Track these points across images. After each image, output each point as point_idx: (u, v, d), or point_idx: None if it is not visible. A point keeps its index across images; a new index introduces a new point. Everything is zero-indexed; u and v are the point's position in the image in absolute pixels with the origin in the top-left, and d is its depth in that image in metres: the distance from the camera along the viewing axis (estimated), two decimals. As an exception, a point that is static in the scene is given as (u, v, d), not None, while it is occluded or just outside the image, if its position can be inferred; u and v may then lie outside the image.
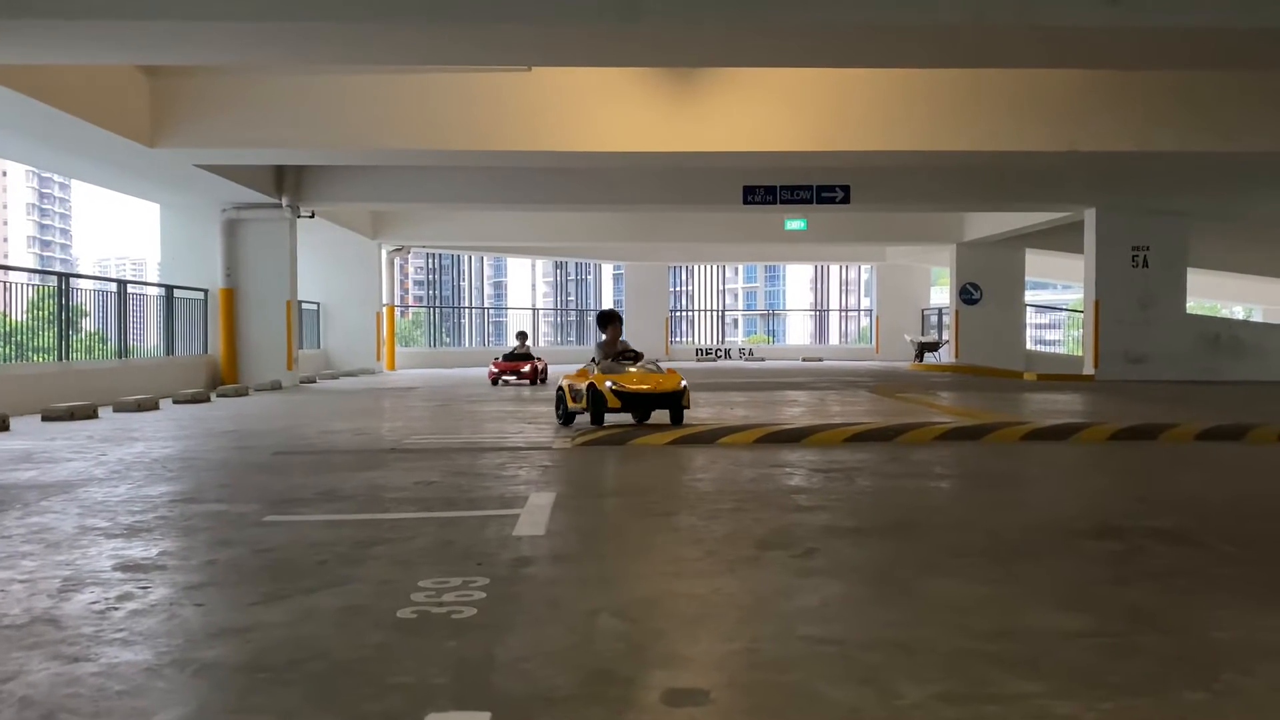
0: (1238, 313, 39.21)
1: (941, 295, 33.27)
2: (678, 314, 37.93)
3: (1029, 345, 27.20)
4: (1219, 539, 4.25)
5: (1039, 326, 32.55)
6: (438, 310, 45.25)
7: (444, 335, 34.72)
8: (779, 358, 32.76)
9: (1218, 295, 35.36)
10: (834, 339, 38.25)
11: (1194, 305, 20.87)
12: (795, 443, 7.74)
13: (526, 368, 17.45)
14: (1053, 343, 42.36)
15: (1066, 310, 37.05)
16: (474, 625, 3.01)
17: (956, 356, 25.18)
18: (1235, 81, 13.25)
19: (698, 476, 6.23)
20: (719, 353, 33.39)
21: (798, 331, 45.62)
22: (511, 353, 18.15)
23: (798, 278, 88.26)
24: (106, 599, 3.38)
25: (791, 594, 3.36)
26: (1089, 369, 18.96)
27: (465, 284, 68.99)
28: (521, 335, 19.23)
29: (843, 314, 43.79)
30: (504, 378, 17.34)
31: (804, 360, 31.33)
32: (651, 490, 5.70)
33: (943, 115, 13.58)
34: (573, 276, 71.66)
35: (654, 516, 4.89)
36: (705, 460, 6.90)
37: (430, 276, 68.81)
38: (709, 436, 7.88)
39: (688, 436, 7.86)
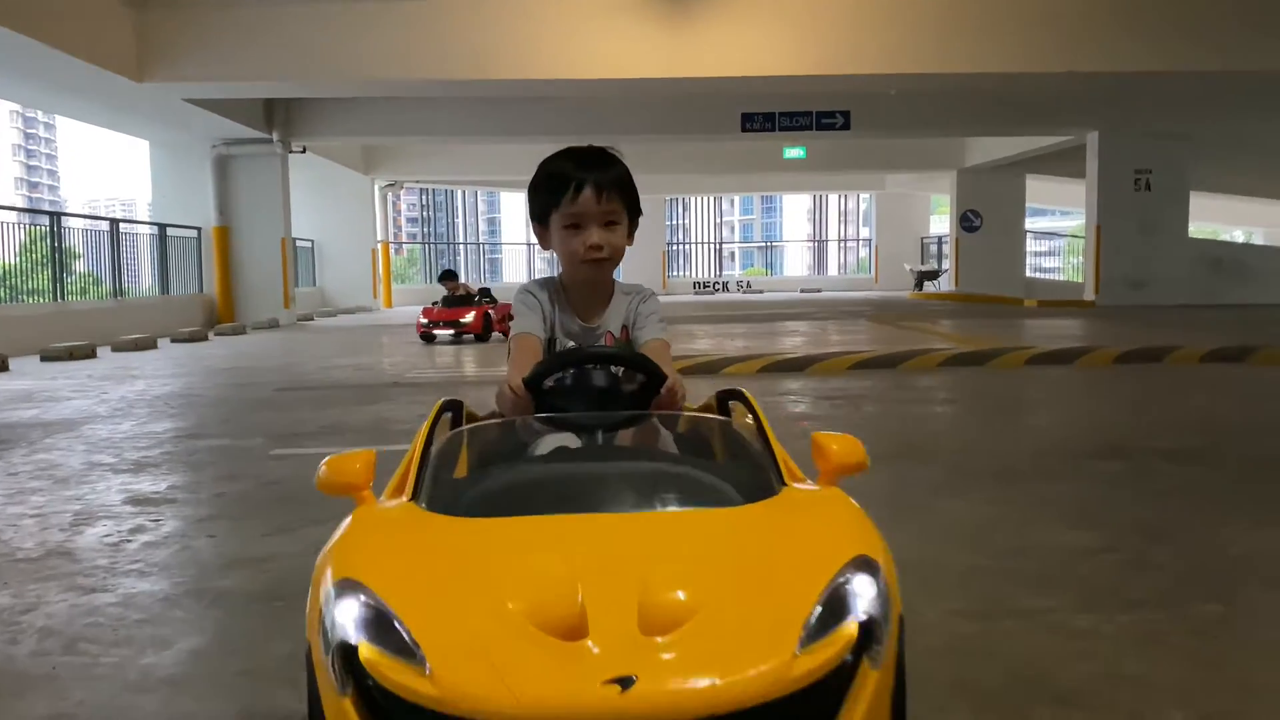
0: (1238, 236, 39.03)
1: (941, 224, 33.06)
2: (674, 248, 37.70)
3: (1028, 273, 27.11)
4: (1227, 458, 4.25)
5: (1037, 254, 32.39)
6: (433, 247, 44.95)
7: (434, 270, 34.55)
8: (777, 290, 32.64)
9: (1218, 219, 35.13)
10: (833, 270, 38.16)
11: (1195, 229, 20.71)
12: (799, 371, 7.73)
13: (468, 316, 12.54)
14: (1051, 270, 42.27)
15: (1066, 237, 36.89)
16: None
17: (956, 285, 25.11)
18: (1234, 1, 12.96)
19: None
20: (717, 286, 33.29)
21: (795, 263, 45.34)
22: (450, 297, 13.18)
23: (795, 209, 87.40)
24: (119, 531, 3.38)
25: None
26: (1090, 295, 18.91)
27: (460, 220, 68.46)
28: (449, 275, 14.03)
29: (841, 244, 43.55)
30: (437, 331, 12.51)
31: (802, 292, 31.24)
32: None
33: (945, 36, 13.29)
34: (568, 211, 71.09)
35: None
36: (709, 390, 6.87)
37: (425, 213, 68.19)
38: (712, 367, 7.85)
39: (691, 368, 7.84)
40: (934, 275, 28.39)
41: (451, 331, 12.50)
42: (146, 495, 3.94)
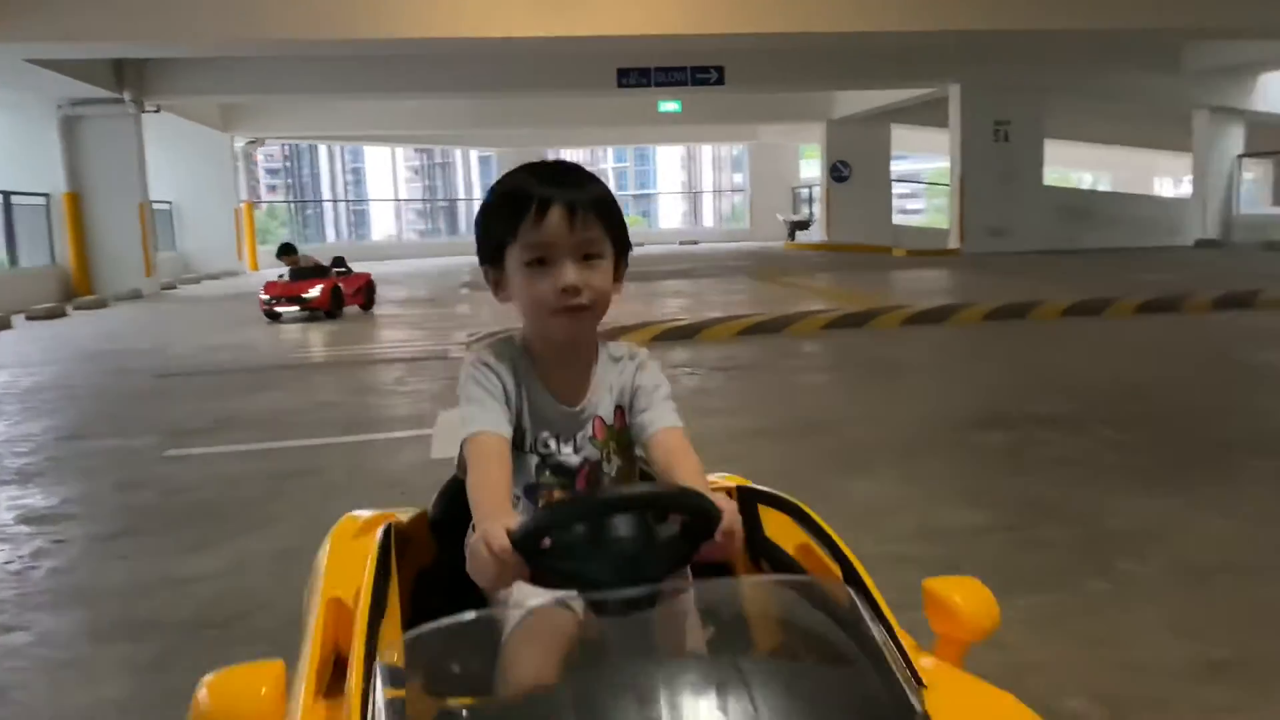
0: (1086, 179, 41.15)
1: (811, 170, 33.78)
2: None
3: (895, 218, 28.02)
4: (1099, 423, 4.59)
5: (900, 196, 33.47)
6: (296, 204, 43.34)
7: (303, 229, 33.44)
8: (655, 242, 32.81)
9: (1068, 164, 36.96)
10: (709, 220, 38.51)
11: (1048, 174, 21.78)
12: (689, 339, 7.88)
13: (315, 290, 11.22)
14: (914, 212, 43.71)
15: (925, 183, 38.24)
16: (416, 561, 3.04)
17: (828, 234, 25.79)
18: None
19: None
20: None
21: (671, 213, 45.55)
22: (299, 269, 11.82)
23: (669, 156, 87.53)
24: (20, 557, 3.27)
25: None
26: (954, 243, 19.71)
27: (324, 173, 66.00)
28: (288, 249, 12.67)
29: (716, 195, 43.96)
30: (280, 308, 11.21)
31: (681, 244, 31.51)
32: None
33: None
34: (439, 161, 69.38)
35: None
36: (606, 362, 6.97)
37: (286, 164, 65.35)
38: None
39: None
40: (805, 225, 29.07)
41: (297, 308, 11.16)
42: (41, 512, 3.80)
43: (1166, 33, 15.53)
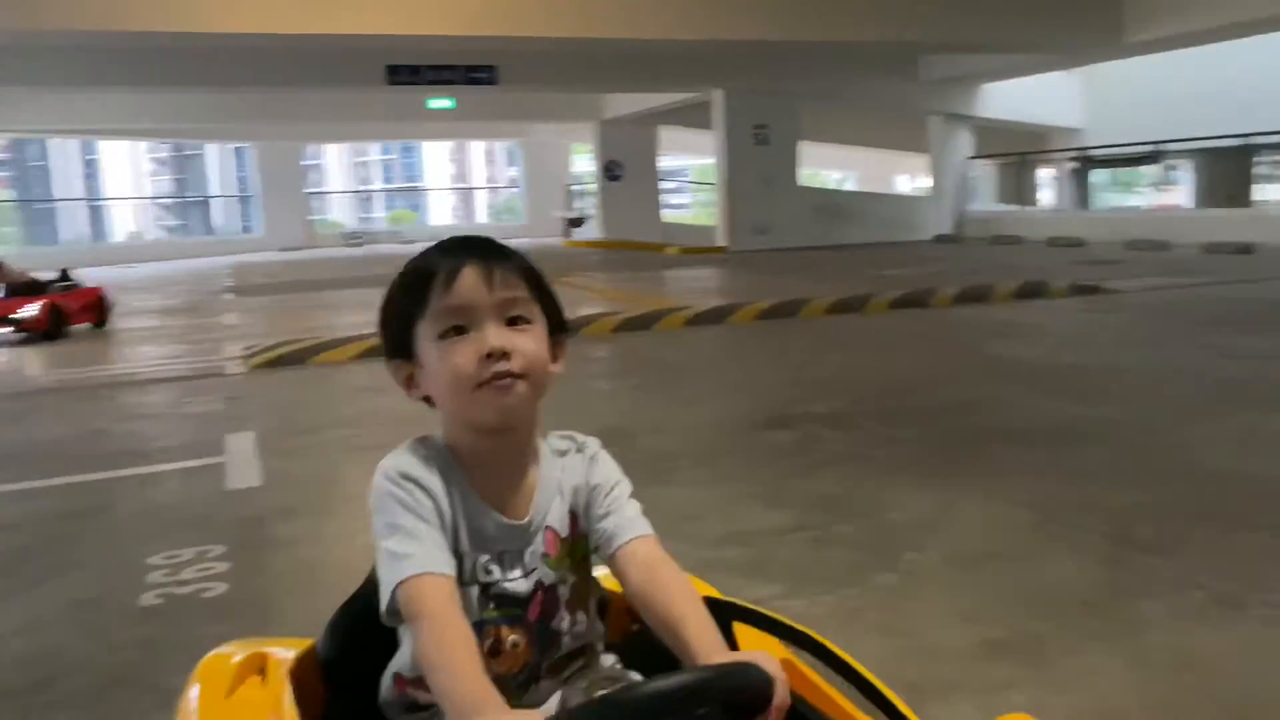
0: (834, 178, 43.96)
1: (584, 166, 34.26)
2: (314, 196, 35.90)
3: (665, 215, 28.92)
4: (870, 418, 5.02)
5: (665, 191, 34.61)
6: (23, 203, 39.38)
7: (31, 229, 30.49)
8: (431, 239, 32.12)
9: (819, 163, 39.38)
10: (481, 215, 38.20)
11: (803, 175, 23.18)
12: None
13: (32, 309, 10.00)
14: (679, 207, 45.05)
15: (691, 182, 39.60)
16: (234, 603, 2.95)
17: (603, 231, 26.28)
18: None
19: (398, 396, 6.19)
20: (365, 237, 32.25)
21: (441, 208, 44.82)
22: (11, 285, 10.56)
23: (437, 149, 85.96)
24: None
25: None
26: (722, 241, 20.60)
27: (56, 168, 60.12)
28: None
29: (492, 190, 43.66)
30: None
31: (455, 241, 31.14)
32: (357, 420, 5.62)
33: (588, 3, 13.82)
34: (187, 154, 64.76)
35: (370, 450, 4.87)
36: (398, 375, 6.87)
37: (13, 155, 59.03)
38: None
39: (371, 350, 7.71)
40: (580, 222, 29.51)
41: (10, 329, 9.94)
42: None
43: (903, 46, 16.90)
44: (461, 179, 58.08)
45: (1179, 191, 23.25)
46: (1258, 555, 3.03)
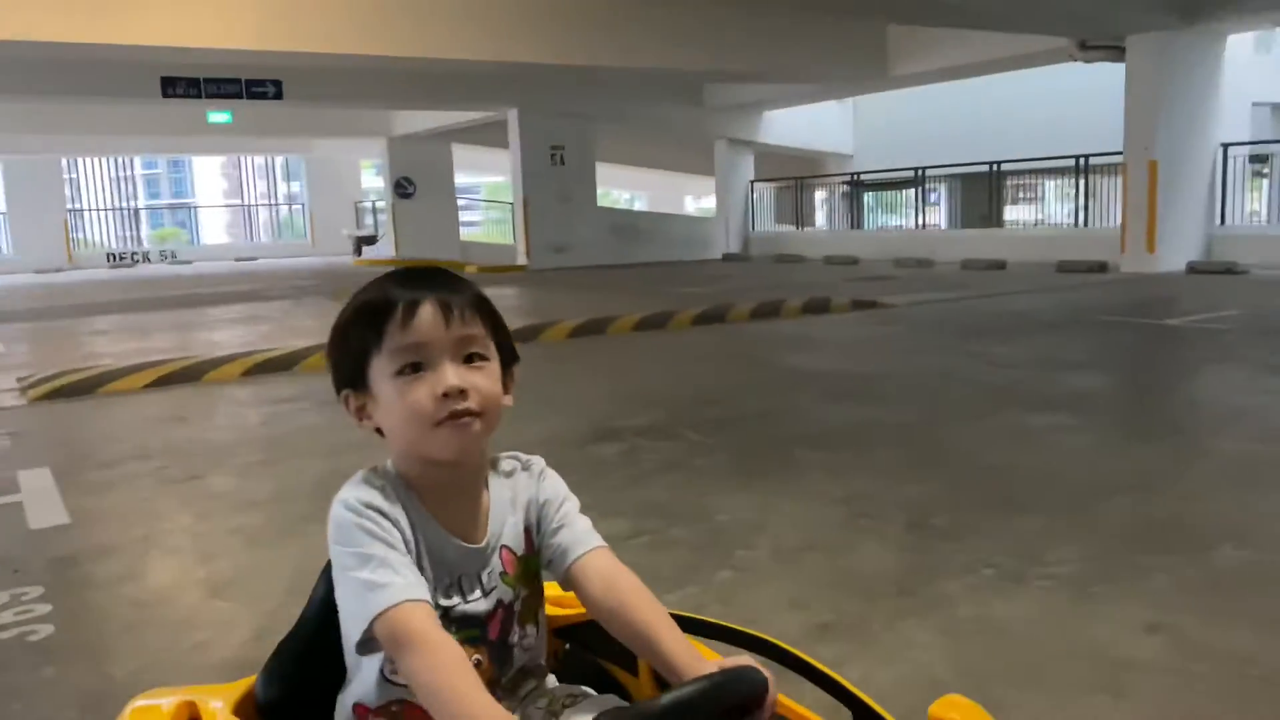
0: (625, 198, 45.02)
1: (373, 183, 33.49)
2: (76, 212, 33.27)
3: (462, 233, 28.74)
4: (687, 429, 5.30)
5: (459, 207, 34.43)
6: None
7: None
8: (207, 259, 30.59)
9: (608, 184, 40.27)
10: (263, 234, 36.53)
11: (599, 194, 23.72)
12: (288, 370, 7.66)
13: None
14: (470, 224, 44.85)
15: (487, 200, 39.45)
16: (64, 645, 2.82)
17: (396, 250, 25.82)
18: (636, 5, 15.11)
19: (202, 426, 5.97)
20: (135, 257, 30.20)
21: (215, 225, 42.35)
22: None
23: (208, 163, 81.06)
24: None
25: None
26: (522, 260, 20.74)
27: None
28: None
29: (272, 208, 41.79)
30: None
31: (238, 260, 29.67)
32: (159, 451, 5.35)
33: (376, 19, 13.68)
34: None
35: (181, 482, 4.69)
36: (200, 404, 6.59)
37: None
38: (191, 373, 7.45)
39: (164, 377, 7.35)
40: (372, 240, 28.86)
41: None
42: None
43: (689, 74, 17.68)
44: (235, 195, 55.20)
45: (937, 212, 25.42)
46: (1033, 536, 3.47)
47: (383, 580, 1.13)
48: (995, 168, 19.35)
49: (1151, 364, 7.36)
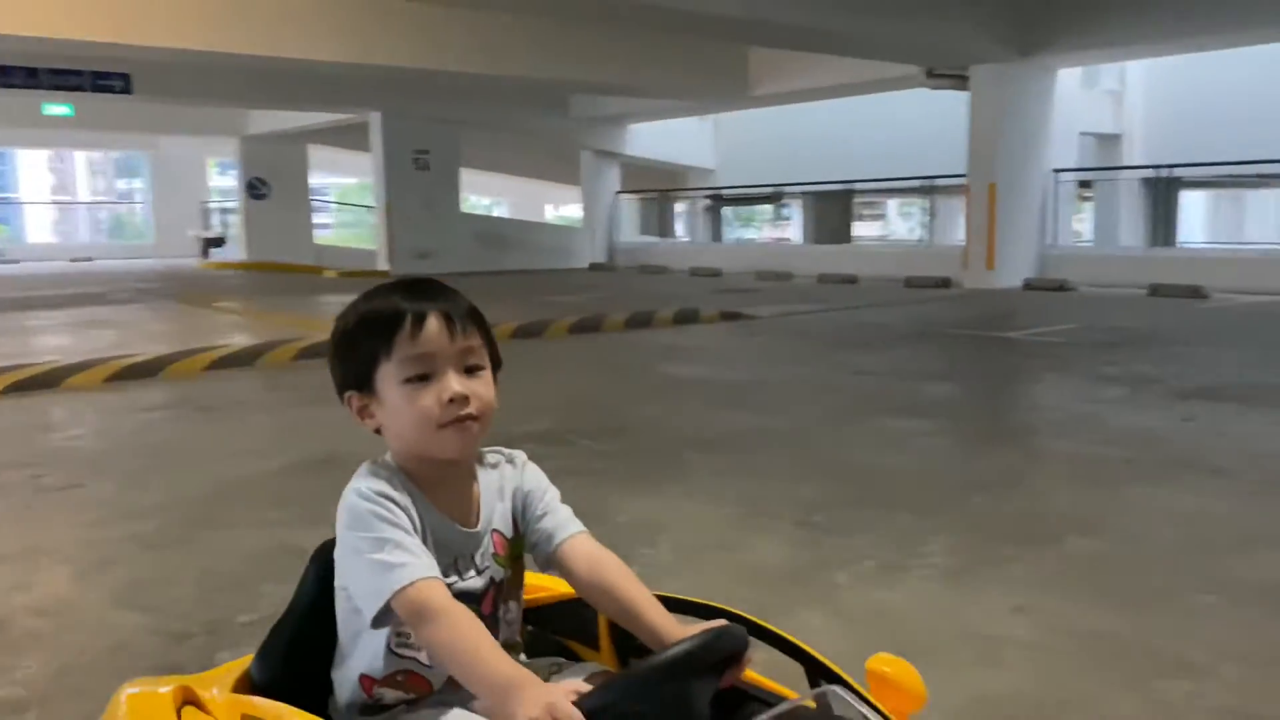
0: (484, 204, 44.76)
1: (220, 182, 32.26)
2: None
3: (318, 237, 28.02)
4: (580, 436, 5.46)
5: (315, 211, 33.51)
6: None
7: None
8: (41, 259, 28.74)
9: (468, 189, 40.00)
10: (97, 233, 34.56)
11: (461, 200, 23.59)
12: (151, 377, 7.41)
13: None
14: (321, 227, 43.81)
15: (330, 201, 38.39)
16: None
17: (247, 253, 24.97)
18: (505, 15, 15.17)
19: (73, 434, 5.75)
20: (-45, 255, 28.15)
21: (41, 224, 39.69)
22: None
23: (33, 157, 75.86)
24: None
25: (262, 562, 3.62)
26: (384, 265, 20.42)
27: None
28: None
29: (109, 206, 39.56)
30: None
31: (73, 261, 28.02)
32: (31, 460, 5.13)
33: (233, 15, 13.34)
34: None
35: (62, 491, 4.53)
36: (65, 412, 6.33)
37: None
38: (49, 379, 7.11)
39: (19, 383, 6.99)
40: (220, 242, 27.81)
41: None
42: None
43: (556, 84, 17.87)
44: (63, 191, 52.00)
45: (790, 227, 26.42)
46: (907, 530, 3.79)
47: (400, 560, 1.25)
48: (848, 186, 20.29)
49: (998, 374, 7.97)
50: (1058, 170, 15.90)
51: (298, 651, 1.43)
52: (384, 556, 1.26)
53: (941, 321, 11.30)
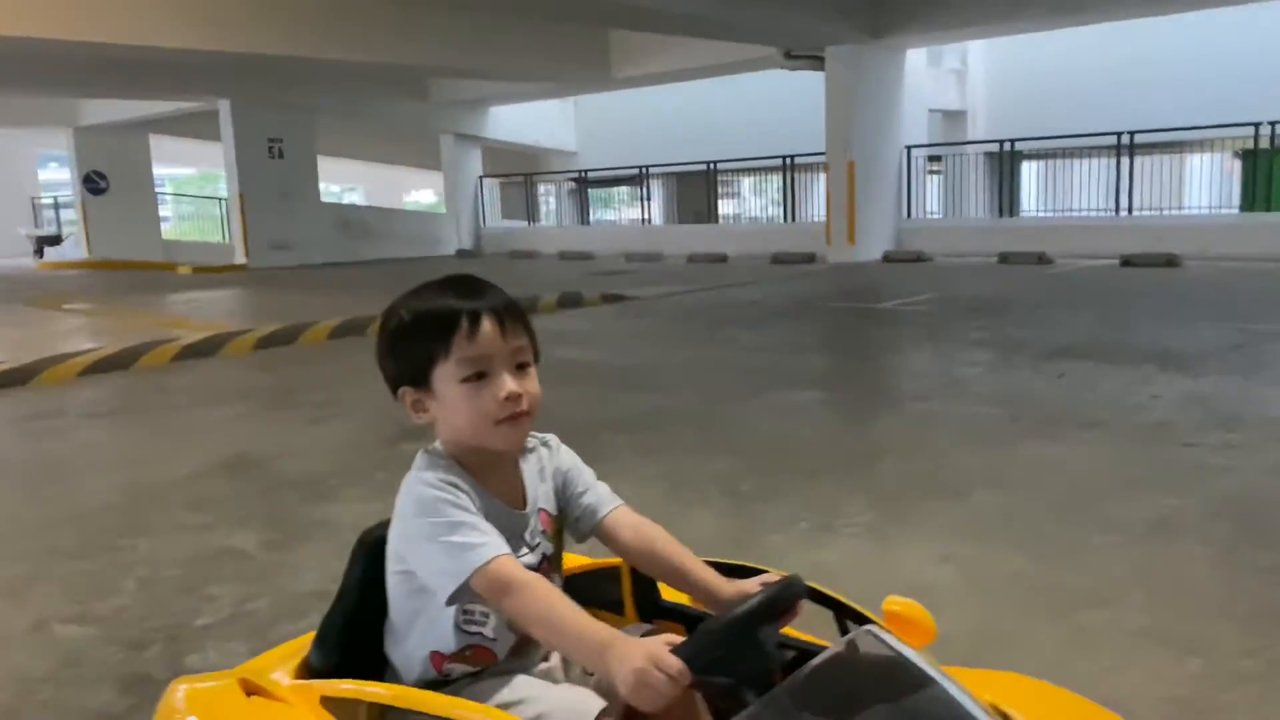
0: (336, 191, 43.46)
1: (53, 176, 30.29)
2: None
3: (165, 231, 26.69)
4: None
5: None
6: None
7: None
8: None
9: (327, 178, 38.76)
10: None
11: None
12: (23, 385, 7.02)
13: None
14: (161, 219, 41.71)
15: (169, 193, 36.52)
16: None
17: (89, 251, 23.61)
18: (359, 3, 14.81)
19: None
20: None
21: None
22: None
23: None
24: None
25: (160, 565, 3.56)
26: (240, 258, 19.68)
27: None
28: None
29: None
30: None
31: (-114, 264, 25.83)
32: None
33: (65, 0, 12.60)
34: None
35: (-44, 507, 4.31)
36: None
37: None
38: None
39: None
40: (56, 240, 26.18)
41: None
42: None
43: (412, 68, 17.55)
44: None
45: (652, 207, 26.71)
46: (827, 493, 4.03)
47: (475, 541, 1.34)
48: (712, 166, 20.68)
49: (877, 344, 8.39)
50: (910, 146, 16.66)
51: (353, 634, 1.51)
52: (459, 538, 1.34)
53: (814, 296, 11.74)
